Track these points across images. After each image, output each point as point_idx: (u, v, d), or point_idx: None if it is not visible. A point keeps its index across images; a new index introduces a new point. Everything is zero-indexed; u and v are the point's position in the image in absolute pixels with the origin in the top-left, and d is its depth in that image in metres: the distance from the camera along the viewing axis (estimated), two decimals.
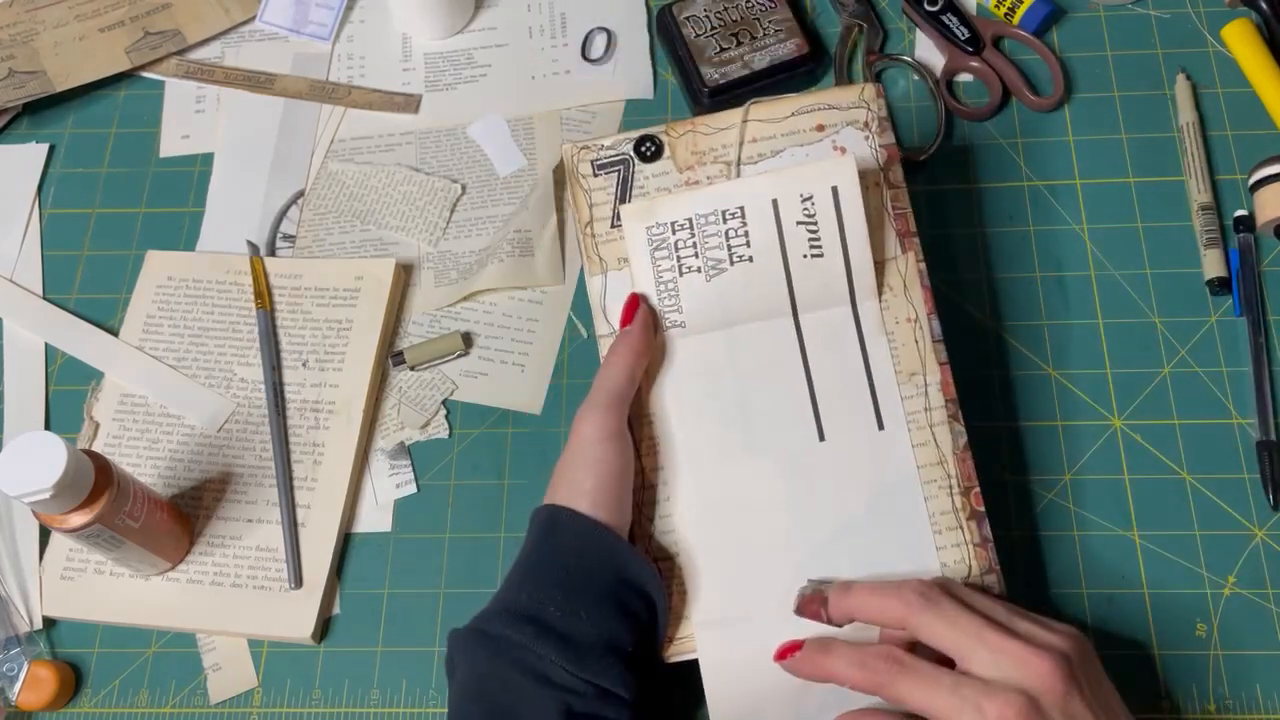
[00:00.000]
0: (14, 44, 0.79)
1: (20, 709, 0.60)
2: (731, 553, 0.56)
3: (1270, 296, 0.67)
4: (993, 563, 0.55)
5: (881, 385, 0.57)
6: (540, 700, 0.49)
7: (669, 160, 0.60)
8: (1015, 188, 0.71)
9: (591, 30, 0.79)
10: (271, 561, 0.63)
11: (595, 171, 0.60)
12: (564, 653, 0.49)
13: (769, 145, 0.60)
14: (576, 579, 0.52)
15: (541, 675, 0.49)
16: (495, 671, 0.50)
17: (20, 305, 0.72)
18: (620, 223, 0.58)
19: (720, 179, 0.59)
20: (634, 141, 0.60)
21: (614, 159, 0.60)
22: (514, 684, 0.49)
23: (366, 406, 0.67)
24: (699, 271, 0.56)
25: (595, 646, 0.50)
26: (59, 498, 0.53)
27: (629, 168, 0.60)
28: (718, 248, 0.56)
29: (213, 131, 0.77)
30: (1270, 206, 0.66)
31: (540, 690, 0.49)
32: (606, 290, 0.59)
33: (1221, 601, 0.60)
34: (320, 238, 0.73)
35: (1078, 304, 0.67)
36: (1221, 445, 0.63)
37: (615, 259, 0.59)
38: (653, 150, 0.60)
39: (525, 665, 0.49)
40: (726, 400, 0.57)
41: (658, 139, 0.60)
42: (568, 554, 0.52)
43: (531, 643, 0.49)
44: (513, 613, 0.51)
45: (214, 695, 0.61)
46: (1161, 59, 0.74)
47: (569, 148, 0.61)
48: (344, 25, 0.81)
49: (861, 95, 0.61)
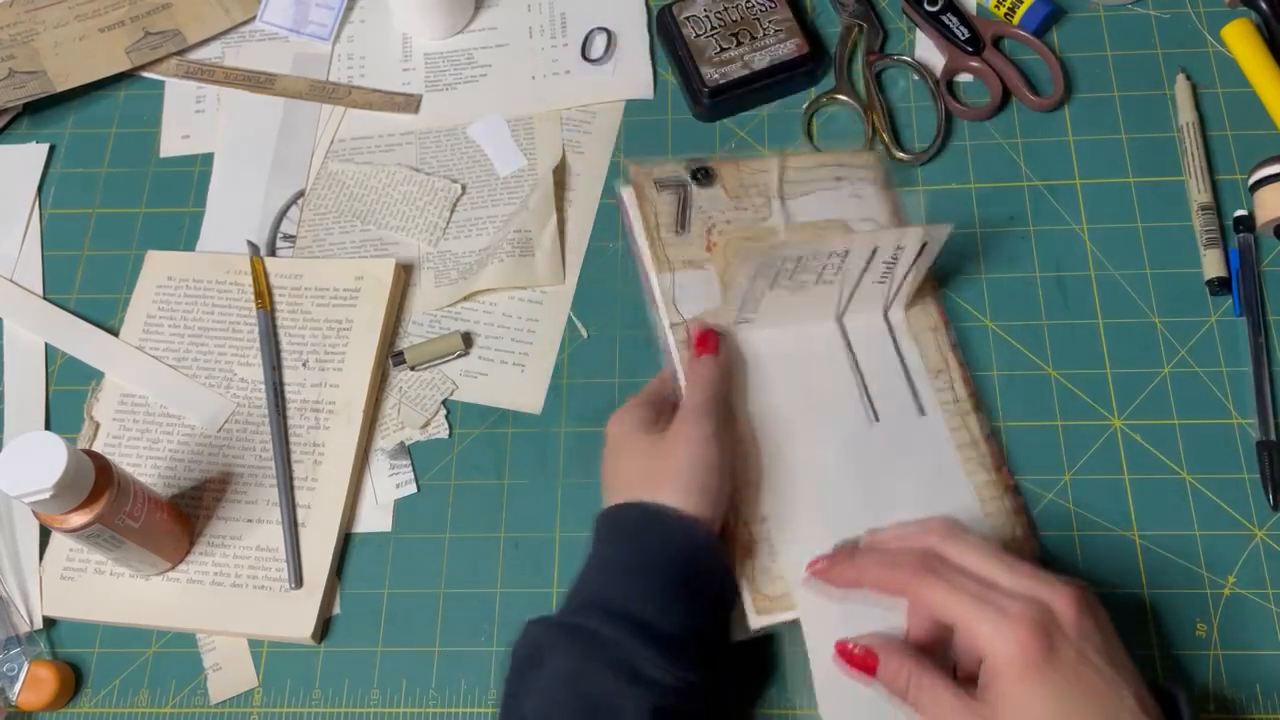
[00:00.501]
0: (14, 44, 0.79)
1: (20, 709, 0.60)
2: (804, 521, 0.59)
3: (1270, 296, 0.67)
4: (1030, 528, 0.62)
5: (916, 378, 0.64)
6: (632, 698, 0.49)
7: (720, 187, 0.68)
8: (1015, 188, 0.71)
9: (591, 30, 0.79)
10: (271, 561, 0.63)
11: (659, 190, 0.67)
12: (657, 648, 0.50)
13: (800, 187, 0.69)
14: (670, 576, 0.53)
15: (634, 672, 0.50)
16: (587, 668, 0.50)
17: (20, 305, 0.72)
18: (683, 230, 0.66)
19: (764, 206, 0.68)
20: (690, 170, 0.68)
21: (673, 181, 0.68)
22: (606, 682, 0.50)
23: (366, 406, 0.67)
24: (786, 289, 0.62)
25: (687, 640, 0.51)
26: (59, 498, 0.53)
27: (686, 190, 0.68)
28: (811, 273, 0.61)
29: (213, 131, 0.77)
30: (1270, 206, 0.66)
31: (633, 688, 0.49)
32: (675, 285, 0.65)
33: (1221, 601, 0.60)
34: (320, 238, 0.73)
35: (1078, 304, 0.67)
36: (1221, 445, 0.63)
37: (680, 260, 0.65)
38: (705, 178, 0.68)
39: (619, 662, 0.50)
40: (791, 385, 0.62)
41: (709, 169, 0.68)
42: (660, 551, 0.53)
43: (627, 639, 0.50)
44: (603, 609, 0.52)
45: (214, 695, 0.61)
46: (1161, 59, 0.74)
47: (636, 169, 0.68)
48: (344, 25, 0.81)
49: (869, 160, 0.71)
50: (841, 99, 0.74)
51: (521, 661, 0.52)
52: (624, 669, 0.50)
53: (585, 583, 0.54)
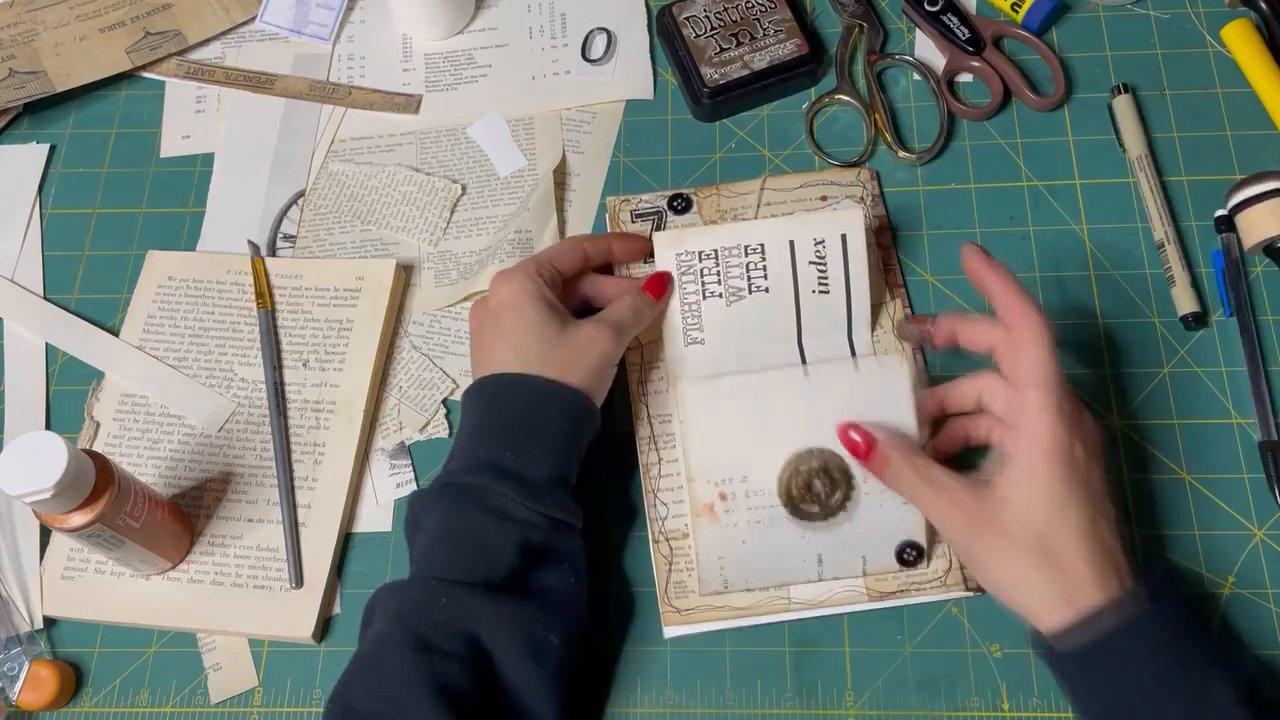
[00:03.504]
0: (14, 44, 0.79)
1: (21, 708, 0.60)
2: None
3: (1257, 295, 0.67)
4: None
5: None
6: (501, 533, 0.55)
7: (696, 214, 0.70)
8: (1015, 188, 0.71)
9: (591, 30, 0.79)
10: (272, 561, 0.63)
11: (633, 220, 0.70)
12: (520, 490, 0.55)
13: (781, 209, 0.70)
14: (530, 429, 0.57)
15: (502, 512, 0.55)
16: (460, 512, 0.55)
17: (21, 305, 0.72)
18: (652, 259, 0.65)
19: None
20: (667, 198, 0.71)
21: (649, 210, 0.70)
22: (478, 521, 0.55)
23: (367, 406, 0.67)
24: (720, 297, 0.63)
25: (547, 483, 0.56)
26: (60, 497, 0.53)
27: (662, 217, 0.70)
28: (738, 278, 0.63)
29: (213, 132, 0.77)
30: (1256, 228, 0.66)
31: (502, 525, 0.55)
32: None
33: (1221, 601, 0.60)
34: (321, 238, 0.73)
35: (1078, 304, 0.67)
36: (1221, 445, 0.63)
37: None
38: (682, 205, 0.70)
39: (486, 505, 0.55)
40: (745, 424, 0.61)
41: (688, 196, 0.71)
42: (520, 412, 0.58)
43: (490, 484, 0.55)
44: (471, 465, 0.56)
45: (214, 695, 0.61)
46: (1161, 59, 0.74)
47: (613, 200, 0.71)
48: (344, 25, 0.81)
49: (859, 176, 0.71)
50: (843, 99, 0.74)
51: (406, 531, 0.58)
52: (492, 510, 0.55)
53: (457, 450, 0.58)
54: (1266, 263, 0.67)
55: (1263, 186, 0.65)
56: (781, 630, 0.60)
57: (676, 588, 0.60)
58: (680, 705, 0.59)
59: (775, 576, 0.60)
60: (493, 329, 0.61)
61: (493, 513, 0.55)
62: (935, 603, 0.60)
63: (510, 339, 0.59)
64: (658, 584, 0.61)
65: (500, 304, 0.60)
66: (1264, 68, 0.71)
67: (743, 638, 0.60)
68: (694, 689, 0.60)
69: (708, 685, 0.60)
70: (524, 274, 0.61)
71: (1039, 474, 0.52)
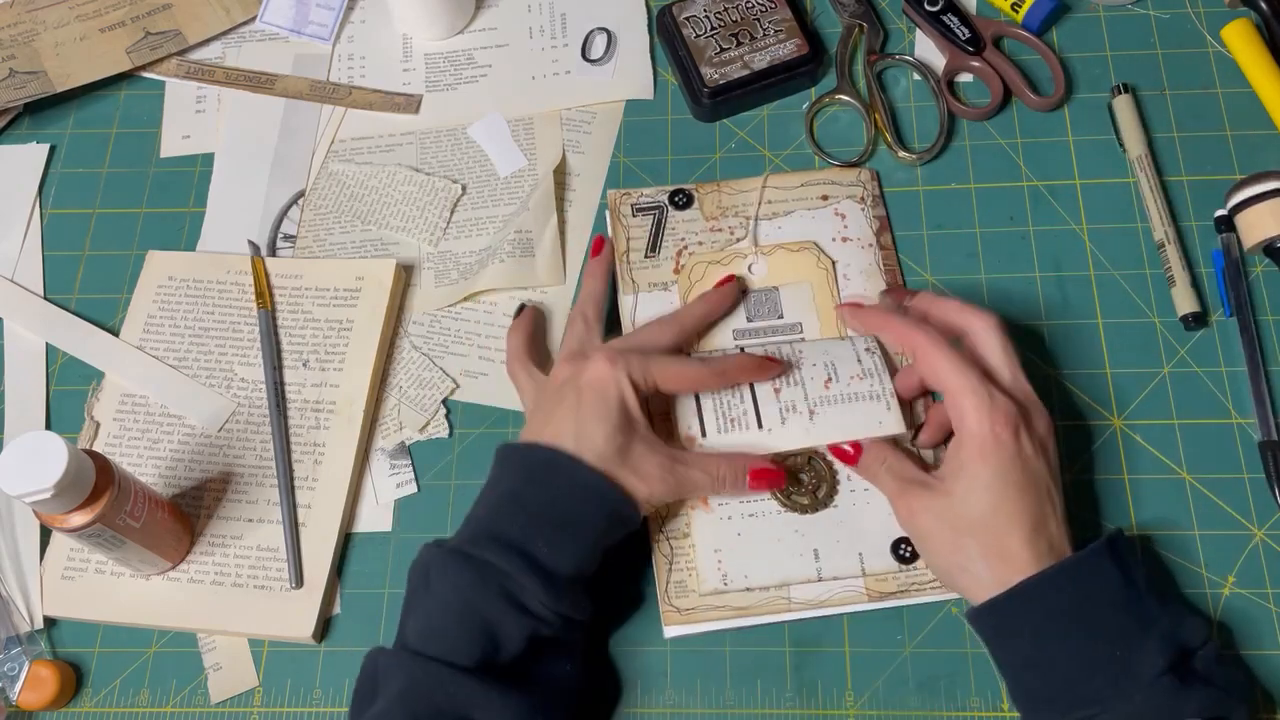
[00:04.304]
0: (15, 44, 0.79)
1: (21, 708, 0.60)
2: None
3: (1257, 295, 0.67)
4: None
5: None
6: (516, 625, 0.53)
7: (698, 210, 0.70)
8: (1015, 188, 0.71)
9: (591, 31, 0.79)
10: (272, 561, 0.63)
11: (634, 213, 0.70)
12: (544, 588, 0.54)
13: (782, 206, 0.70)
14: (568, 520, 0.56)
15: (521, 605, 0.54)
16: (479, 593, 0.54)
17: (21, 305, 0.72)
18: (653, 253, 0.68)
19: (740, 227, 0.69)
20: (669, 193, 0.71)
21: (650, 205, 0.70)
22: (495, 606, 0.53)
23: (367, 406, 0.67)
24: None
25: (571, 580, 0.55)
26: (60, 497, 0.53)
27: (663, 213, 0.70)
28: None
29: (213, 132, 0.77)
30: (1256, 228, 0.66)
31: (518, 617, 0.54)
32: (637, 307, 0.68)
33: (1221, 601, 0.60)
34: (321, 238, 0.73)
35: (1078, 304, 0.67)
36: (1221, 445, 0.63)
37: (646, 283, 0.68)
38: (684, 200, 0.70)
39: (507, 592, 0.54)
40: None
41: (689, 192, 0.70)
42: (564, 498, 0.56)
43: (517, 573, 0.54)
44: (503, 541, 0.54)
45: (214, 695, 0.61)
46: (1161, 59, 0.74)
47: (613, 194, 0.71)
48: (344, 25, 0.81)
49: (859, 177, 0.71)
50: (843, 99, 0.74)
51: (413, 584, 0.56)
52: (512, 600, 0.54)
53: (487, 513, 0.57)
54: (1266, 263, 0.67)
55: (1263, 186, 0.65)
56: (781, 630, 0.60)
57: (677, 587, 0.60)
58: (680, 705, 0.59)
59: (774, 574, 0.60)
60: (573, 400, 0.58)
61: (512, 602, 0.54)
62: (935, 603, 0.60)
63: (581, 422, 0.57)
64: (658, 583, 0.61)
65: (588, 383, 0.58)
66: (1264, 68, 0.71)
67: (743, 638, 0.60)
68: (694, 689, 0.60)
69: (708, 685, 0.60)
70: (625, 369, 0.58)
71: (974, 470, 0.55)
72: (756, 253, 0.68)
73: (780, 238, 0.69)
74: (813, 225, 0.69)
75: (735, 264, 0.68)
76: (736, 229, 0.69)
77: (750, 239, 0.69)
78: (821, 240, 0.68)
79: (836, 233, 0.69)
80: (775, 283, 0.67)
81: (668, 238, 0.69)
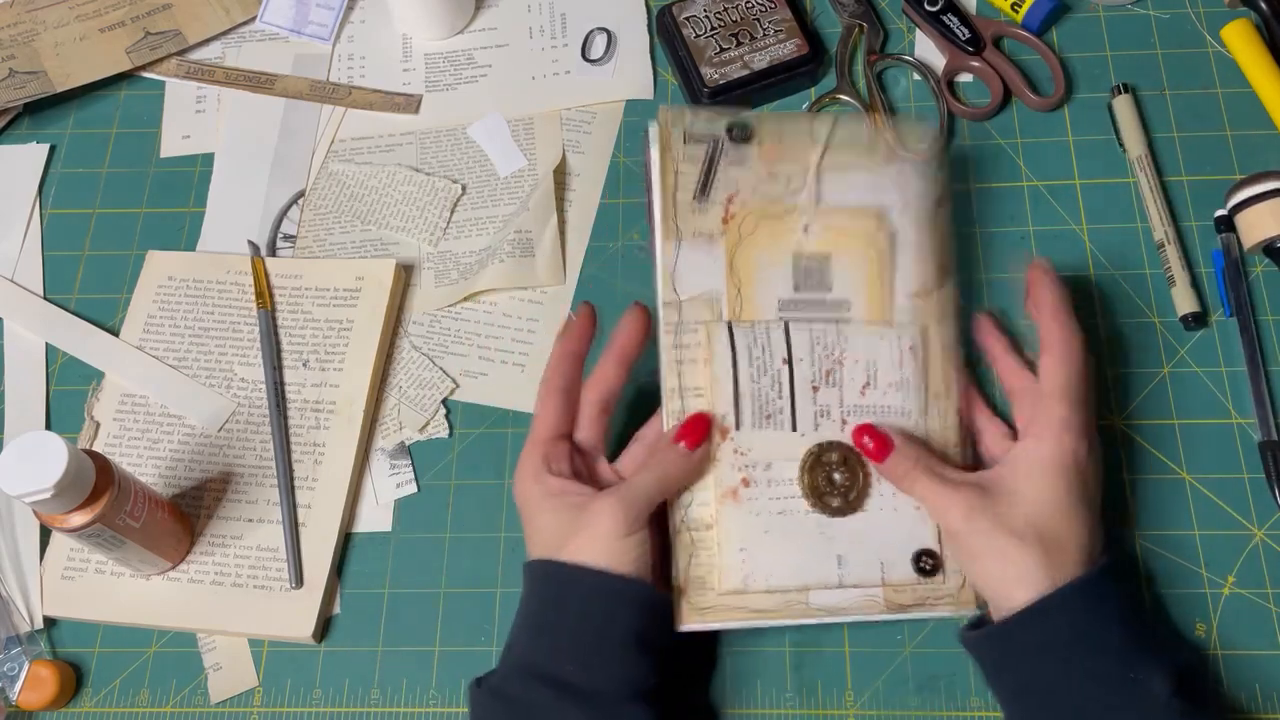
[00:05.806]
0: (14, 44, 0.79)
1: (21, 708, 0.60)
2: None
3: (1257, 295, 0.67)
4: None
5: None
6: None
7: (755, 148, 0.61)
8: (1015, 188, 0.71)
9: (591, 30, 0.79)
10: (272, 561, 0.63)
11: (685, 142, 0.60)
12: (586, 711, 0.50)
13: (844, 160, 0.61)
14: (590, 631, 0.52)
15: None
16: None
17: (21, 305, 0.72)
18: (703, 195, 0.60)
19: (797, 177, 0.61)
20: (725, 124, 0.61)
21: (705, 135, 0.60)
22: None
23: (367, 406, 0.67)
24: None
25: (620, 697, 0.52)
26: (60, 497, 0.53)
27: (718, 145, 0.60)
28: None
29: (213, 132, 0.77)
30: (1256, 228, 0.66)
31: None
32: (678, 259, 0.60)
33: (1221, 601, 0.60)
34: (321, 238, 0.73)
35: (1078, 304, 0.67)
36: (1221, 445, 0.63)
37: (691, 231, 0.60)
38: (741, 135, 0.60)
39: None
40: None
41: (750, 125, 0.61)
42: (578, 610, 0.53)
43: (552, 704, 0.51)
44: (530, 673, 0.52)
45: (214, 695, 0.61)
46: (1161, 59, 0.74)
47: (665, 112, 0.60)
48: (344, 25, 0.81)
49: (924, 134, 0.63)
50: (843, 99, 0.74)
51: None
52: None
53: (516, 640, 0.55)
54: (1266, 263, 0.67)
55: (1263, 186, 0.65)
56: (782, 630, 0.60)
57: (696, 583, 0.57)
58: None
59: (796, 576, 0.57)
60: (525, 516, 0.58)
61: None
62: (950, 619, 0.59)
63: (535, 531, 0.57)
64: (675, 575, 0.57)
65: (518, 501, 0.58)
66: (1264, 68, 0.71)
67: (743, 638, 0.60)
68: None
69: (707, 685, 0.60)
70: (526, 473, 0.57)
71: (1050, 480, 0.54)
72: (815, 210, 0.61)
73: (836, 199, 0.61)
74: (872, 189, 0.61)
75: (789, 221, 0.60)
76: (794, 178, 0.61)
77: (809, 193, 0.61)
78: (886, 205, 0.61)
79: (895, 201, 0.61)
80: (828, 249, 0.60)
81: (719, 180, 0.61)
